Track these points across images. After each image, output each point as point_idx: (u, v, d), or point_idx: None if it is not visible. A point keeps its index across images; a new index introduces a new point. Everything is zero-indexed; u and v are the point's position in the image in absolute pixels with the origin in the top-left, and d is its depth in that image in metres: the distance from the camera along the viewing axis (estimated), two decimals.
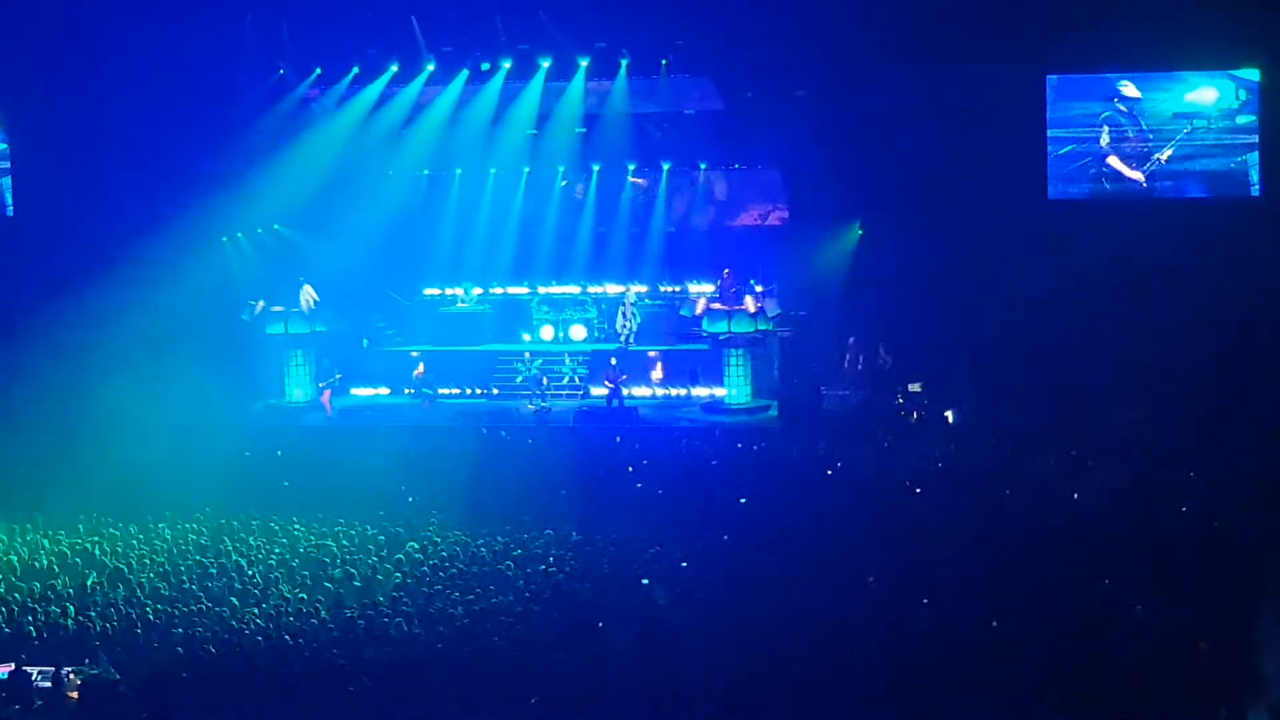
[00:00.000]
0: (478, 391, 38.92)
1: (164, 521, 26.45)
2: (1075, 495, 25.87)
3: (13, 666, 18.31)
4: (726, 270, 37.28)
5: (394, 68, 38.38)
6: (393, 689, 17.84)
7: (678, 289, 40.49)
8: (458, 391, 38.98)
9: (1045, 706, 16.93)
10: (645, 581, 21.53)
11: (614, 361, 37.39)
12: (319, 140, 39.30)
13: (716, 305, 36.70)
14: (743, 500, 26.67)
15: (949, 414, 33.52)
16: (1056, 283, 34.64)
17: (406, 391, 38.55)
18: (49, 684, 18.10)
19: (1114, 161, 36.33)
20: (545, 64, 37.93)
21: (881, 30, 34.67)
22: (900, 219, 36.11)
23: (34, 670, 18.25)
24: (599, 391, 37.57)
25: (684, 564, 22.58)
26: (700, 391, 37.75)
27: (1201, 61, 35.53)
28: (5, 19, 36.26)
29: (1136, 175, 36.25)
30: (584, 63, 37.83)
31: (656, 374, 38.16)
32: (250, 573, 23.05)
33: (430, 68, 38.31)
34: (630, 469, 30.21)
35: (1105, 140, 36.32)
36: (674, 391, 38.08)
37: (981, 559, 22.03)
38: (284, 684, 18.07)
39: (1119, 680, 17.35)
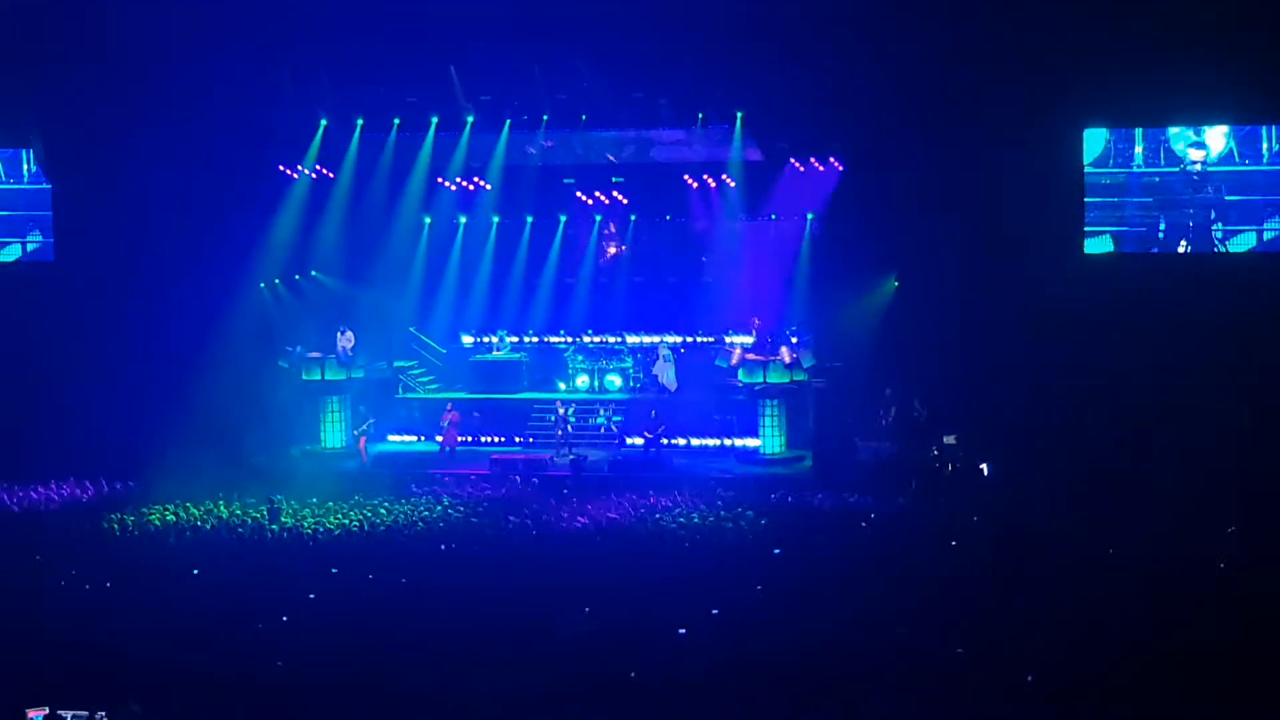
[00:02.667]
0: (515, 439, 39.08)
1: None
2: (1111, 550, 25.75)
3: (46, 711, 18.33)
4: (757, 320, 37.29)
5: (435, 119, 38.68)
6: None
7: (714, 339, 40.46)
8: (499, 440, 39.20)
9: None
10: (682, 631, 21.51)
11: (654, 414, 37.39)
12: (357, 187, 39.63)
13: (752, 356, 36.69)
14: (777, 551, 26.62)
15: (984, 467, 33.41)
16: (1092, 336, 34.54)
17: (438, 438, 38.55)
18: None
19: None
20: (583, 116, 38.15)
21: (919, 83, 34.71)
22: (937, 272, 36.04)
23: (68, 714, 18.27)
24: (635, 441, 37.65)
25: (714, 611, 22.53)
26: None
27: (1240, 115, 35.48)
28: (50, 66, 36.65)
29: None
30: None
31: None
32: None
33: (470, 119, 38.58)
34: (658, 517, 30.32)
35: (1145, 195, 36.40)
36: (710, 442, 38.07)
37: (1017, 612, 21.95)
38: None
39: None
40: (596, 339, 41.39)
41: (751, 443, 37.07)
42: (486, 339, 41.89)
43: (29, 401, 36.84)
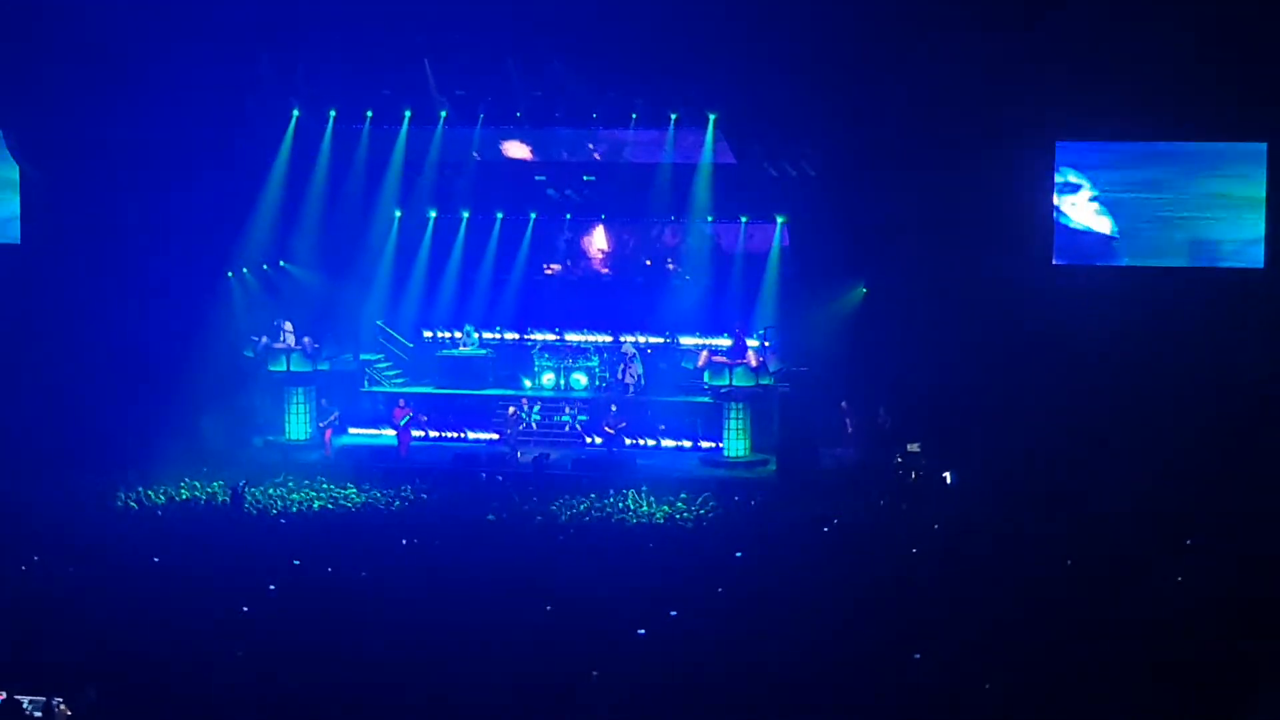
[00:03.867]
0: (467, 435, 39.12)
1: None
2: (1069, 561, 25.83)
3: (3, 695, 18.24)
4: (738, 327, 37.39)
5: (408, 113, 38.66)
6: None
7: (682, 341, 40.46)
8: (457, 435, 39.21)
9: None
10: (641, 632, 21.49)
11: (614, 409, 37.44)
12: (328, 178, 39.60)
13: (719, 358, 36.73)
14: (738, 554, 26.63)
15: (947, 475, 33.50)
16: (1059, 347, 34.71)
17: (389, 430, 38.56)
18: (40, 714, 18.05)
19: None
20: (556, 114, 38.18)
21: (893, 91, 34.84)
22: (905, 280, 36.17)
23: (25, 699, 18.18)
24: (597, 440, 37.68)
25: (673, 613, 22.52)
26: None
27: (1209, 133, 35.64)
28: (22, 49, 36.47)
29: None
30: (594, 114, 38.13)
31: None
32: None
33: (444, 113, 38.55)
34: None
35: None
36: (673, 443, 38.09)
37: (976, 620, 22.01)
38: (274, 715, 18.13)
39: None
40: (563, 337, 41.34)
41: (716, 445, 37.11)
42: (454, 334, 41.79)
43: None
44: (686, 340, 40.30)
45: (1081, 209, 36.80)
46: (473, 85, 38.22)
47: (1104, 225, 36.72)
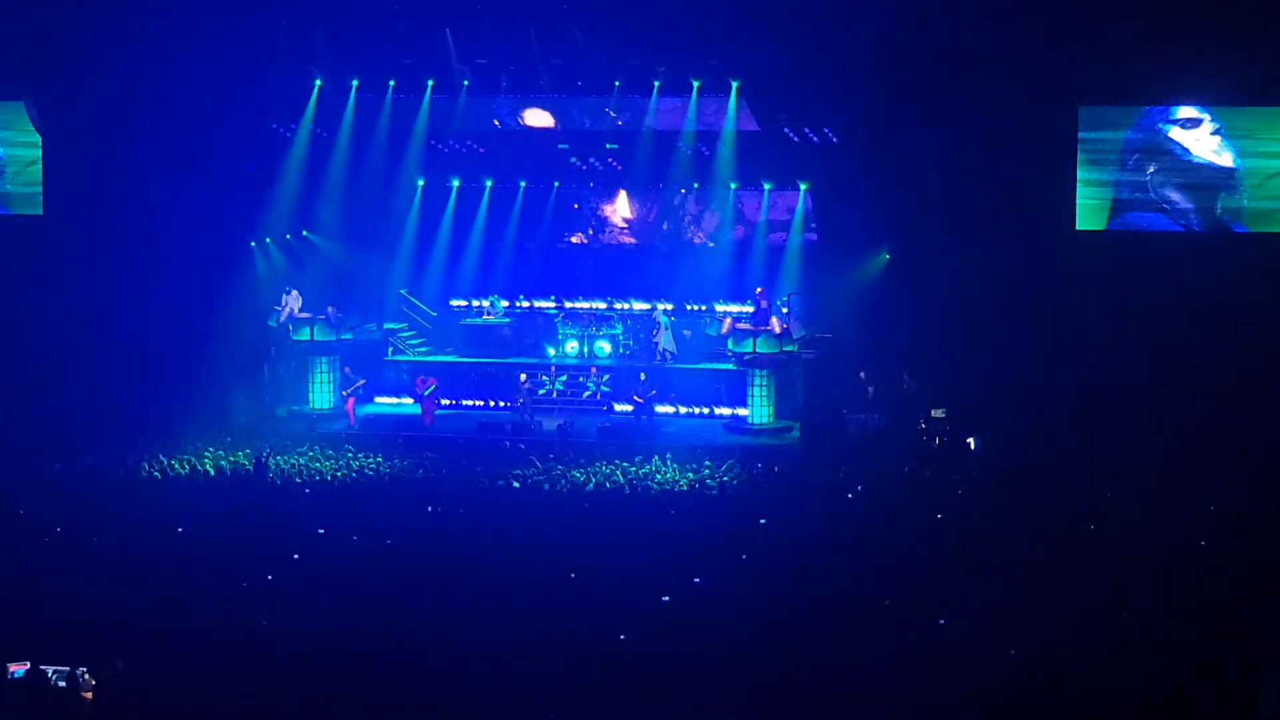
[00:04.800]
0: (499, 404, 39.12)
1: None
2: (1092, 526, 25.78)
3: (28, 665, 18.30)
4: (760, 289, 37.29)
5: (430, 82, 38.59)
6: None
7: (704, 308, 40.40)
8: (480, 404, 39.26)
9: None
10: (666, 599, 21.51)
11: (643, 377, 37.37)
12: (350, 148, 39.58)
13: (742, 325, 36.66)
14: (762, 521, 26.62)
15: (971, 441, 33.44)
16: (1083, 313, 34.60)
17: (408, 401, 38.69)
18: (64, 684, 18.11)
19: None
20: (579, 82, 38.08)
21: (915, 56, 34.65)
22: (928, 245, 36.07)
23: (50, 669, 18.25)
24: (624, 407, 37.66)
25: (697, 580, 22.53)
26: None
27: (1239, 95, 35.36)
28: (44, 19, 36.50)
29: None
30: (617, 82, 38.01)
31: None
32: None
33: (466, 83, 38.48)
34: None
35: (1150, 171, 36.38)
36: (699, 410, 38.07)
37: (999, 586, 21.99)
38: (300, 685, 18.15)
39: (1133, 710, 17.32)
40: (586, 305, 41.31)
41: (740, 412, 37.07)
42: (479, 304, 41.84)
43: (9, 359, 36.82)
44: (710, 307, 40.22)
45: (1204, 143, 36.13)
46: (494, 54, 38.09)
47: (1226, 160, 36.09)
